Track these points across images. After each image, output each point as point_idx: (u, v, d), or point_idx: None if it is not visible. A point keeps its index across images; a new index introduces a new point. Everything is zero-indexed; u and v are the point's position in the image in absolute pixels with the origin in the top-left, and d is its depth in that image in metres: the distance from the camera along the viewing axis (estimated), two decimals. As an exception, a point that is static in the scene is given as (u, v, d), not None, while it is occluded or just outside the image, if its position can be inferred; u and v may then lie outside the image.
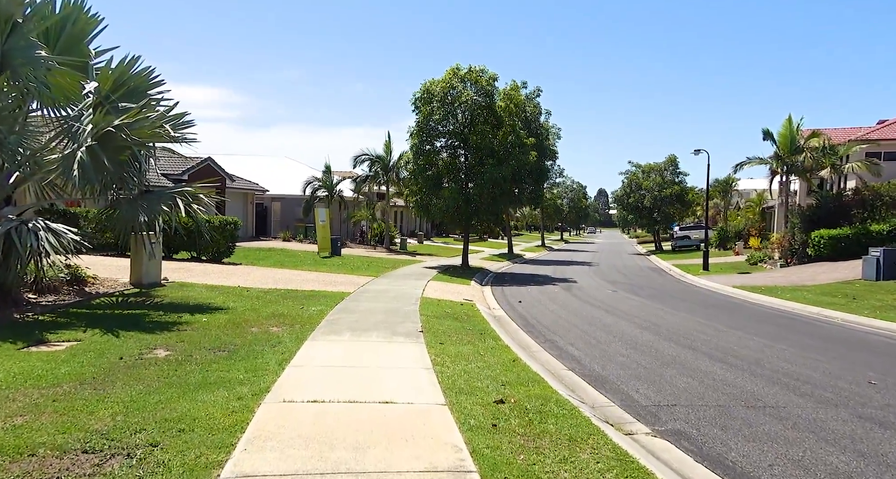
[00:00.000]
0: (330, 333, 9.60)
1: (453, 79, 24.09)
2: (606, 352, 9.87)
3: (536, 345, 10.43)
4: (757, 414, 6.49)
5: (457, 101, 23.90)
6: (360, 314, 11.60)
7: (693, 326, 12.86)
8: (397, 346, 8.83)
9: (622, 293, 19.69)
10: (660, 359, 9.34)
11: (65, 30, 10.71)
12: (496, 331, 11.01)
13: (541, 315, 14.18)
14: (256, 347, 8.21)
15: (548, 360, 9.25)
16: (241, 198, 35.28)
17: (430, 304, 13.87)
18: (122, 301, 11.60)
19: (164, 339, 8.40)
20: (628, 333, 11.77)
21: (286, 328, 9.76)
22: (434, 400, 6.11)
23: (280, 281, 16.75)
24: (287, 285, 15.78)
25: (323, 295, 14.23)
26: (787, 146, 31.50)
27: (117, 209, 11.16)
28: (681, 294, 20.39)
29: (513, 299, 17.45)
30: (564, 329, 12.18)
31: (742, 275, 27.07)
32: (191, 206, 11.51)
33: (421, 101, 24.37)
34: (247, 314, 10.85)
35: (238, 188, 33.59)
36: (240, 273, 18.06)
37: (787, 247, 29.77)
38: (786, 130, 31.79)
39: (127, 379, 6.30)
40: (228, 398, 5.76)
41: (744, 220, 53.24)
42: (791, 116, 31.77)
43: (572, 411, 6.03)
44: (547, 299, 17.66)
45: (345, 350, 8.40)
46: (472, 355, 8.47)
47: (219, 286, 14.39)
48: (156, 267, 13.64)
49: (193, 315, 10.45)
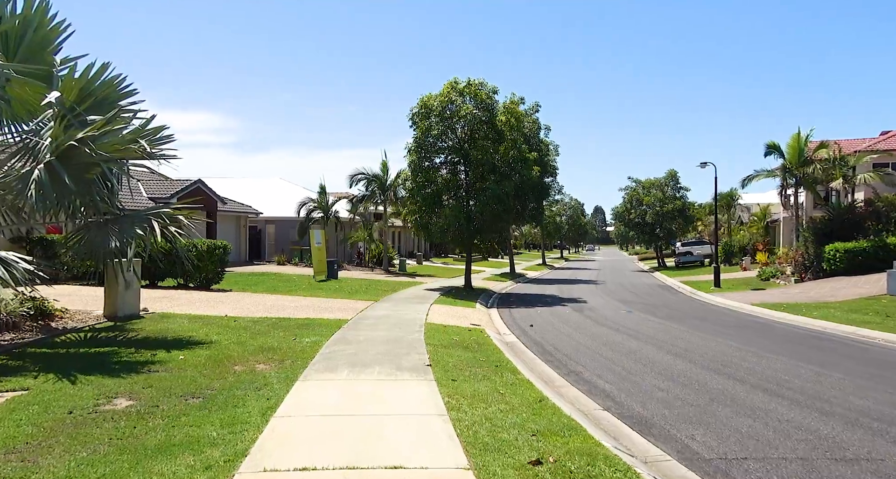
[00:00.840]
0: (325, 370, 8.37)
1: (451, 92, 23.11)
2: (641, 385, 8.65)
3: (560, 378, 9.20)
4: (854, 472, 5.27)
5: (456, 115, 22.89)
6: (360, 345, 10.37)
7: (727, 350, 11.65)
8: (403, 385, 7.60)
9: (638, 314, 18.48)
10: (706, 393, 8.12)
11: (25, 37, 9.63)
12: (512, 362, 9.78)
13: (557, 340, 12.95)
14: (238, 391, 6.98)
15: (577, 397, 8.02)
16: (233, 221, 34.11)
17: (435, 331, 12.64)
18: (90, 337, 10.35)
19: (129, 384, 7.16)
20: (658, 360, 10.55)
21: (275, 365, 8.52)
22: (454, 462, 4.89)
23: (272, 308, 15.51)
24: (279, 313, 14.54)
25: (318, 323, 13.00)
26: (796, 158, 30.62)
27: (86, 234, 9.96)
28: (700, 313, 19.19)
29: (523, 322, 16.22)
30: (586, 357, 10.96)
31: (757, 291, 25.92)
32: (168, 229, 10.32)
33: (419, 116, 23.34)
34: (231, 349, 9.61)
35: (230, 211, 32.43)
36: (229, 301, 16.81)
37: (801, 262, 28.65)
38: (794, 142, 30.95)
39: (70, 443, 5.06)
40: (194, 468, 4.53)
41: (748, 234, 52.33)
42: (800, 128, 30.98)
43: (627, 472, 4.81)
44: (559, 321, 16.44)
45: (342, 393, 7.16)
46: (492, 394, 7.25)
47: (204, 316, 13.14)
48: (133, 297, 12.39)
49: (170, 352, 9.21)
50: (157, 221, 9.99)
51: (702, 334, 14.11)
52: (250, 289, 20.67)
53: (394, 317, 14.80)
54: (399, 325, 13.31)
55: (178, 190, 26.30)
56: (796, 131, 30.86)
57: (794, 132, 31.07)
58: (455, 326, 13.94)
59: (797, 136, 30.84)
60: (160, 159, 10.83)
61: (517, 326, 15.56)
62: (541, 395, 7.45)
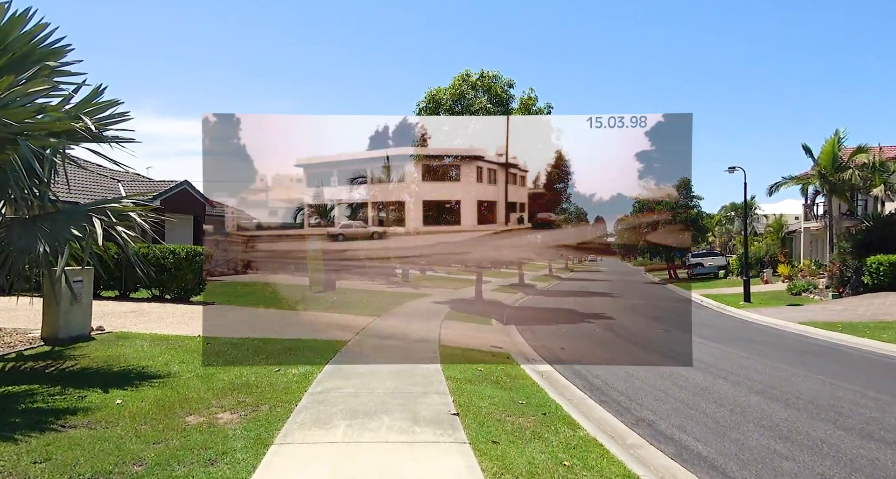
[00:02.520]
0: (314, 423, 6.04)
1: (463, 85, 20.89)
2: (749, 447, 6.31)
3: (630, 431, 6.86)
4: None
5: (467, 110, 20.66)
6: (361, 380, 8.04)
7: (821, 388, 9.30)
8: (425, 452, 5.27)
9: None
10: (847, 464, 5.79)
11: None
12: (562, 406, 7.44)
13: (601, 371, 10.61)
14: (178, 467, 4.65)
15: (668, 467, 5.69)
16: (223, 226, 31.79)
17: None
18: (11, 368, 8.00)
19: (17, 455, 4.82)
20: (745, 403, 8.21)
21: (245, 415, 6.19)
22: None
23: (257, 326, 13.17)
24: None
25: (310, 346, 10.66)
26: (830, 163, 28.42)
27: (5, 236, 7.63)
28: (746, 333, 16.87)
29: (551, 343, 13.88)
30: (648, 395, 8.62)
31: (794, 308, 23.61)
32: (115, 229, 8.00)
33: (426, 111, 21.14)
34: (191, 387, 7.28)
35: (220, 215, 30.13)
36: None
37: (839, 275, 26.33)
38: (829, 146, 28.73)
39: None
40: None
41: (764, 246, 50.19)
42: (838, 131, 28.63)
43: None
44: (593, 343, 14.11)
45: (335, 470, 4.83)
46: (555, 468, 4.94)
47: (170, 338, 10.78)
48: (80, 315, 10.02)
49: (107, 392, 6.87)
50: (98, 219, 7.67)
51: (770, 362, 11.77)
52: (237, 301, 18.32)
53: (401, 336, 12.49)
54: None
55: (161, 192, 23.99)
56: (832, 135, 28.65)
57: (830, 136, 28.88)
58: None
59: (833, 139, 28.62)
60: (112, 143, 8.58)
61: (545, 348, 13.22)
62: (625, 470, 5.12)
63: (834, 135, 28.20)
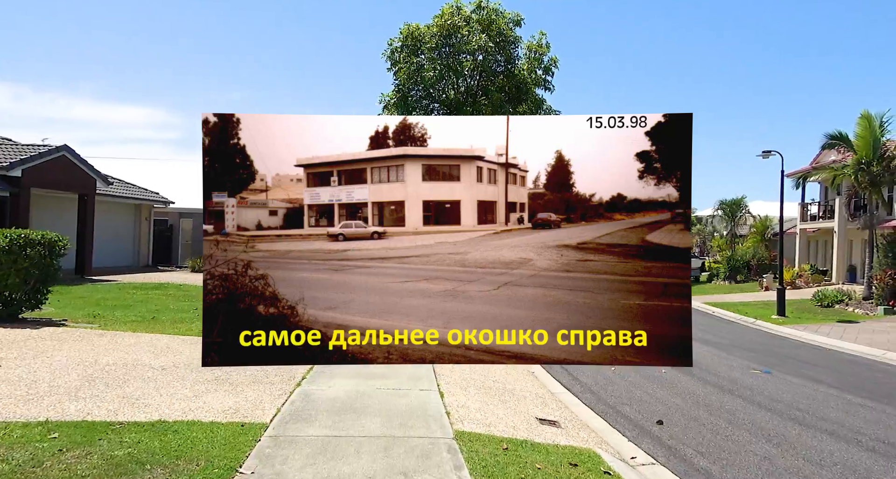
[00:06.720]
0: None
1: (455, 18, 15.06)
2: None
3: None
4: None
5: (462, 50, 14.84)
6: None
7: None
8: None
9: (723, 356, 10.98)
10: None
11: None
12: None
13: (689, 431, 5.10)
14: None
15: None
16: (128, 211, 24.99)
17: (494, 468, 4.57)
18: None
19: None
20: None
21: None
22: None
23: (110, 378, 7.07)
24: (111, 397, 6.14)
25: (184, 449, 4.71)
26: (870, 151, 24.07)
27: None
28: (810, 358, 12.13)
29: (608, 397, 8.30)
30: None
31: (851, 325, 19.02)
32: None
33: (402, 51, 15.16)
34: None
35: (122, 197, 23.36)
36: (27, 354, 8.23)
37: (891, 285, 21.92)
38: (864, 132, 24.40)
39: None
40: None
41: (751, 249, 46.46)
42: (871, 114, 24.34)
43: None
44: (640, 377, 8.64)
45: None
46: None
47: None
48: None
49: None
50: None
51: None
52: (110, 317, 12.01)
53: (372, 410, 6.57)
54: (390, 447, 5.13)
55: (24, 158, 17.13)
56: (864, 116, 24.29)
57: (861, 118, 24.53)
58: (516, 440, 5.85)
59: (867, 123, 24.29)
60: None
61: (613, 410, 7.62)
62: None
63: (864, 118, 23.81)
